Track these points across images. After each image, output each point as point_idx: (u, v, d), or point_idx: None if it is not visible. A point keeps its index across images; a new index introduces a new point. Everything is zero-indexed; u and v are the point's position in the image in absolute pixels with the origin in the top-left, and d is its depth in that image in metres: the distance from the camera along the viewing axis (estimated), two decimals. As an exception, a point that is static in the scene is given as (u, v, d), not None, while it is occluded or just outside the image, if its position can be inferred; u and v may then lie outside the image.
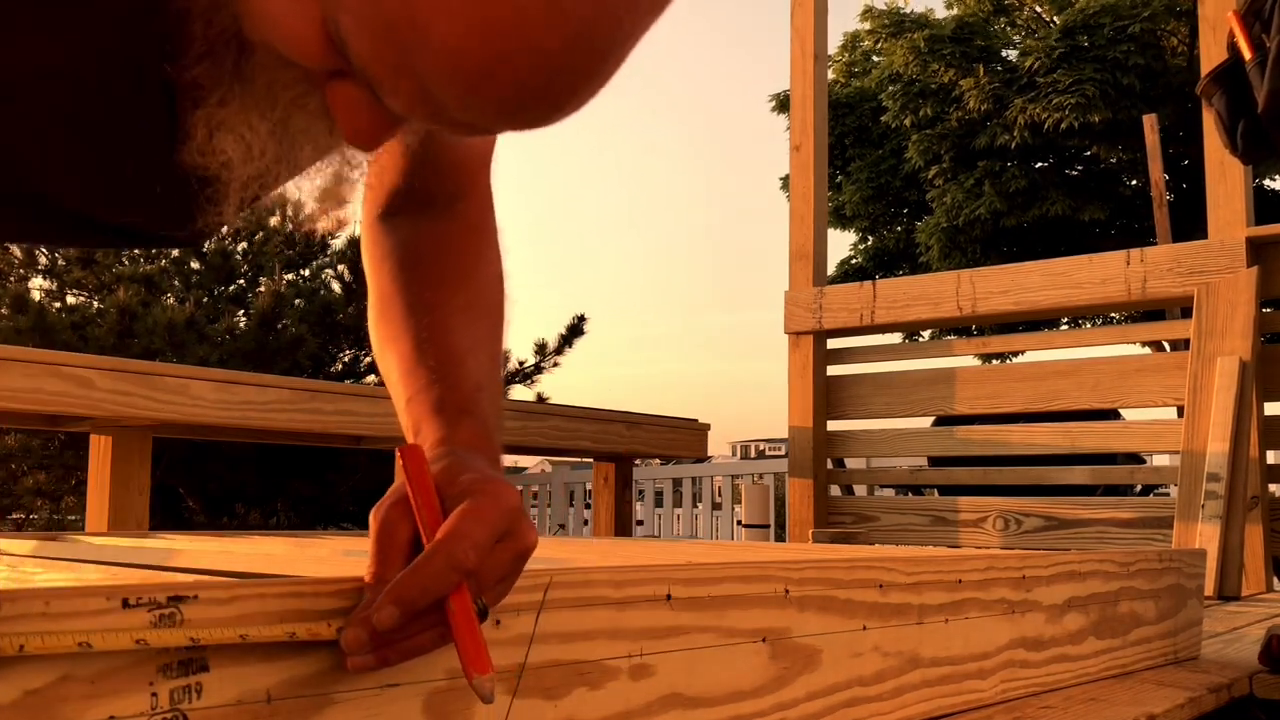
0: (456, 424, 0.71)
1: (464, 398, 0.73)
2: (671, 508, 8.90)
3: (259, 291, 6.80)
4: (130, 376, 2.44)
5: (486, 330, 0.80)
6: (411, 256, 0.81)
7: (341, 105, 0.54)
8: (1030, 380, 3.24)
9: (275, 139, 0.60)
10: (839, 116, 13.26)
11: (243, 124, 0.59)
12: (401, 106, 0.51)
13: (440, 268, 0.81)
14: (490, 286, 0.83)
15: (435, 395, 0.73)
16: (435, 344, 0.76)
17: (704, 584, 0.81)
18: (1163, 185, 4.28)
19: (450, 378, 0.74)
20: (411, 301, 0.79)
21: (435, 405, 0.73)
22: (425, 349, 0.76)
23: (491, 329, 0.80)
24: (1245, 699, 1.36)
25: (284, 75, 0.56)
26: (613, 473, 3.92)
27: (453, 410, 0.72)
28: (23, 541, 1.31)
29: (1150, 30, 11.45)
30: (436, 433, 0.71)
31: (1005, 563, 1.15)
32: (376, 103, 0.52)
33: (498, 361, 0.80)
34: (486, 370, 0.77)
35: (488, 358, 0.78)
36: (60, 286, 6.85)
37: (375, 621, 0.57)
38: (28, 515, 6.76)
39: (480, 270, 0.83)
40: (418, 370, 0.75)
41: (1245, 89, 1.83)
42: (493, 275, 0.84)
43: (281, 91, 0.57)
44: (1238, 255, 2.84)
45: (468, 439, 0.70)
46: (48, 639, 0.49)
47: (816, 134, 3.73)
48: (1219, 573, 2.49)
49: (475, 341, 0.78)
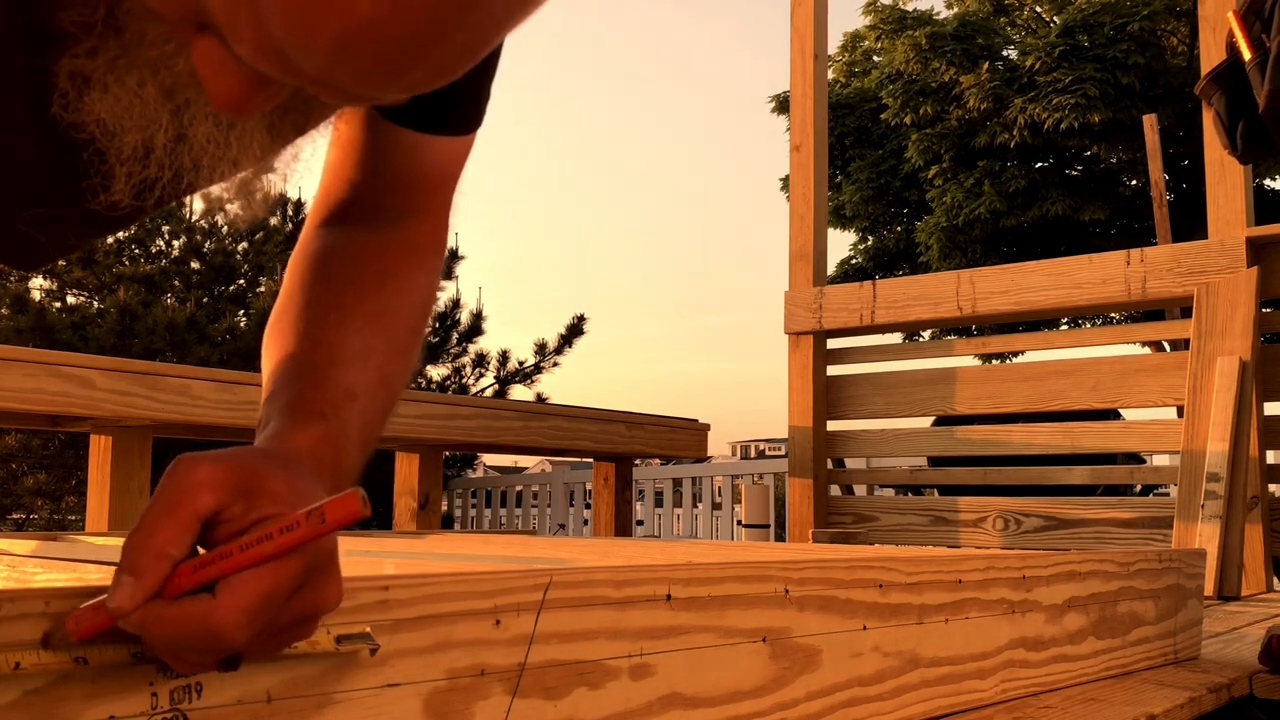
0: (302, 425, 0.63)
1: (326, 401, 0.65)
2: (671, 508, 8.90)
3: (259, 291, 6.80)
4: (130, 376, 2.44)
5: (384, 344, 0.71)
6: (327, 259, 0.74)
7: (205, 62, 0.48)
8: (1030, 380, 3.24)
9: (168, 110, 0.55)
10: (839, 116, 13.26)
11: (117, 83, 0.54)
12: (249, 54, 0.46)
13: (353, 272, 0.73)
14: (406, 306, 0.75)
15: (294, 391, 0.65)
16: (319, 342, 0.69)
17: (704, 584, 0.81)
18: (1163, 185, 4.29)
19: (319, 377, 0.66)
20: (310, 300, 0.72)
21: (290, 402, 0.64)
22: (307, 346, 0.68)
23: (391, 344, 0.72)
24: (1245, 699, 1.36)
25: (152, 30, 0.52)
26: (613, 473, 3.92)
27: (306, 411, 0.64)
28: (23, 541, 1.31)
29: (1150, 29, 11.45)
30: (275, 430, 0.62)
31: (1005, 563, 1.15)
32: (240, 61, 0.47)
33: (389, 378, 0.71)
34: (368, 381, 0.68)
35: (375, 370, 0.69)
36: (60, 286, 6.86)
37: (111, 617, 0.48)
38: (28, 515, 6.76)
39: (401, 288, 0.75)
40: (287, 364, 0.68)
41: (1245, 89, 1.83)
42: (413, 299, 0.76)
43: (150, 48, 0.53)
44: (1238, 255, 2.84)
45: (309, 444, 0.62)
46: (44, 656, 0.49)
47: (816, 134, 3.73)
48: (1219, 573, 2.49)
49: (365, 350, 0.69)
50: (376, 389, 0.69)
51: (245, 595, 0.48)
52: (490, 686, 0.67)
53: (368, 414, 0.67)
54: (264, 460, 0.54)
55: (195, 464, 0.51)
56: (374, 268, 0.74)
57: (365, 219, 0.76)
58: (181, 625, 0.48)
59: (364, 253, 0.75)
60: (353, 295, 0.72)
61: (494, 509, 8.49)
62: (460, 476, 8.71)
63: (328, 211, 0.78)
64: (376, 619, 0.61)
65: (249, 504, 0.51)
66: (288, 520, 0.49)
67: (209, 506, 0.50)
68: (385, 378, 0.70)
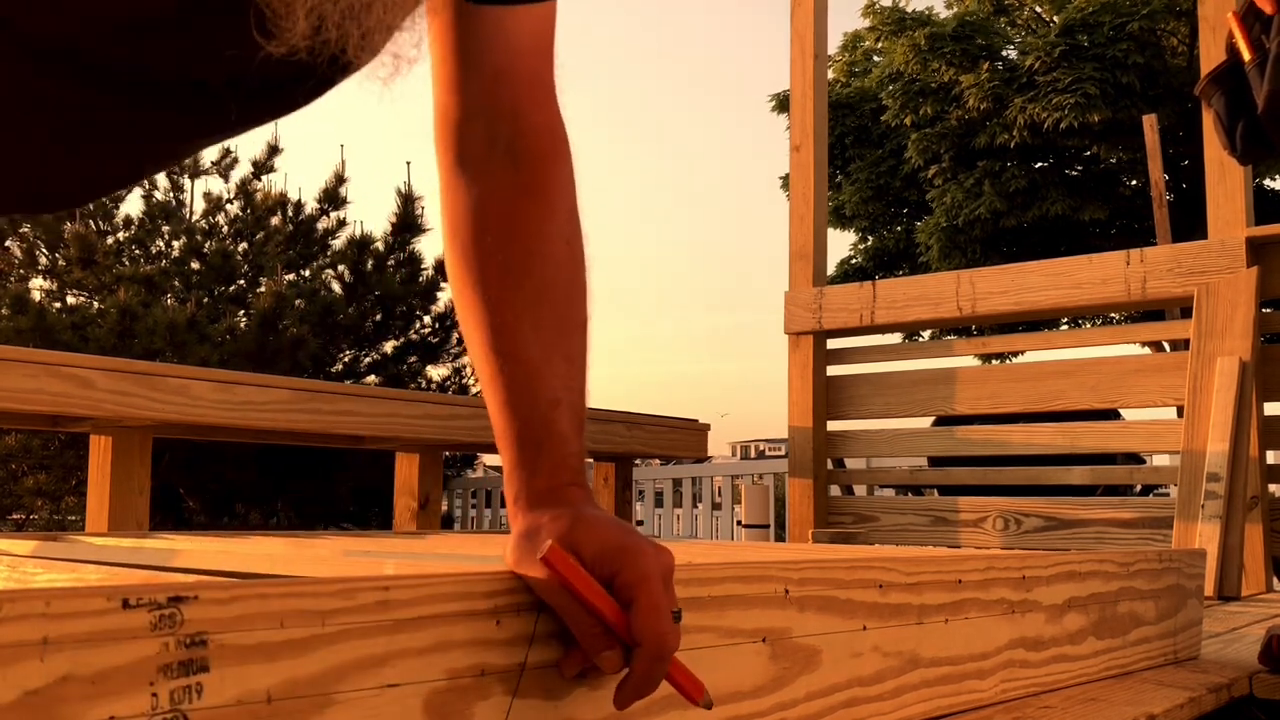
0: (534, 466, 0.75)
1: (539, 423, 0.75)
2: (671, 508, 8.90)
3: (259, 292, 6.80)
4: (130, 377, 2.44)
5: (554, 328, 0.78)
6: (477, 233, 0.80)
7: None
8: (1030, 380, 3.24)
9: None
10: (839, 116, 13.26)
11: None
12: None
13: (504, 253, 0.79)
14: (558, 268, 0.80)
15: (514, 430, 0.76)
16: (508, 358, 0.77)
17: (704, 584, 0.81)
18: (1163, 185, 4.28)
19: (524, 404, 0.76)
20: (481, 298, 0.78)
21: (515, 445, 0.76)
22: (498, 362, 0.77)
23: (560, 323, 0.79)
24: (1245, 699, 1.36)
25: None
26: (613, 473, 3.92)
27: (530, 446, 0.75)
28: (23, 542, 1.31)
29: (1149, 29, 11.45)
30: (515, 488, 0.75)
31: (1005, 563, 1.15)
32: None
33: (574, 358, 0.79)
34: (562, 377, 0.77)
35: (562, 361, 0.77)
36: (60, 287, 6.86)
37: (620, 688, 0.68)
38: (28, 515, 6.76)
39: (545, 249, 0.80)
40: (494, 386, 0.77)
41: (1245, 89, 1.83)
42: (559, 253, 0.80)
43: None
44: (1238, 255, 2.84)
45: (545, 482, 0.74)
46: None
47: (816, 134, 3.73)
48: (1219, 573, 2.49)
49: (546, 348, 0.77)
50: (569, 377, 0.77)
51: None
52: (490, 686, 0.67)
53: (574, 405, 0.77)
54: (570, 532, 0.69)
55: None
56: (518, 242, 0.79)
57: (489, 150, 0.81)
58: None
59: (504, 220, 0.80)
60: (510, 287, 0.78)
61: (494, 509, 8.49)
62: (460, 476, 8.71)
63: (455, 141, 0.82)
64: (377, 619, 0.61)
65: (601, 565, 0.68)
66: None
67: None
68: (569, 359, 0.78)
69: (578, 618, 0.67)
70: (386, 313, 7.61)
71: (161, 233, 7.24)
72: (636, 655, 0.66)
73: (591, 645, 0.67)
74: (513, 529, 0.74)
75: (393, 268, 7.59)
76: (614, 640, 0.66)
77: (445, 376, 8.01)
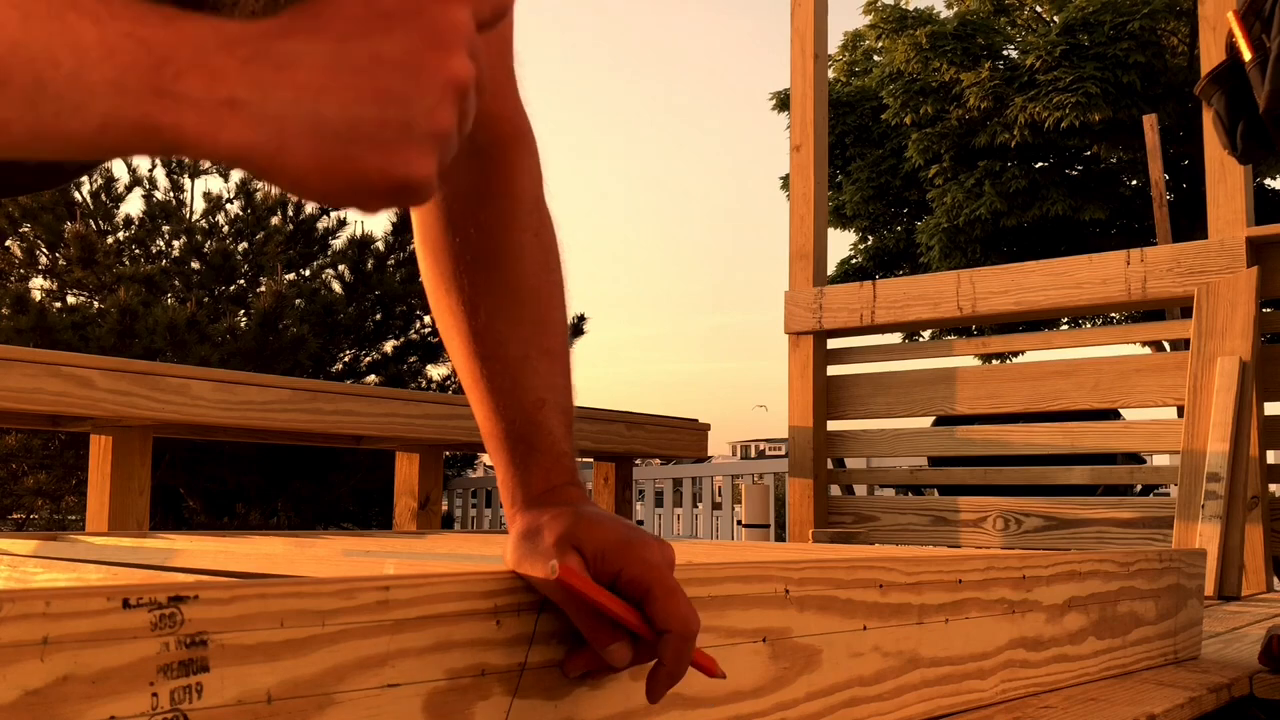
0: (528, 467, 0.75)
1: (526, 423, 0.76)
2: (671, 508, 8.90)
3: (260, 291, 6.80)
4: (131, 376, 2.44)
5: (532, 323, 0.78)
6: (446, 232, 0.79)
7: None
8: (1030, 380, 3.24)
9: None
10: (839, 116, 13.26)
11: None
12: None
13: (473, 251, 0.78)
14: (529, 261, 0.79)
15: (502, 431, 0.76)
16: (487, 359, 0.77)
17: (704, 584, 0.81)
18: (1163, 185, 4.28)
19: (510, 405, 0.76)
20: (456, 300, 0.78)
21: (506, 447, 0.76)
22: (478, 364, 0.77)
23: (537, 319, 0.78)
24: (1245, 699, 1.36)
25: None
26: (613, 473, 3.92)
27: (521, 447, 0.76)
28: (23, 541, 1.31)
29: (1150, 28, 11.46)
30: (511, 491, 0.76)
31: (1005, 563, 1.15)
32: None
33: (555, 353, 0.78)
34: (545, 375, 0.77)
35: (543, 357, 0.77)
36: (60, 286, 6.85)
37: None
38: (28, 515, 6.76)
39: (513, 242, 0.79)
40: (477, 390, 0.77)
41: (1245, 89, 1.83)
42: (529, 245, 0.80)
43: None
44: (1238, 255, 2.84)
45: (541, 483, 0.75)
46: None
47: (816, 134, 3.73)
48: (1219, 573, 2.49)
49: (525, 345, 0.77)
50: (550, 374, 0.78)
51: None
52: (490, 686, 0.67)
53: (560, 402, 0.78)
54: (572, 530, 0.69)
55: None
56: (486, 239, 0.78)
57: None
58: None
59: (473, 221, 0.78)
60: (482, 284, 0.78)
61: (494, 509, 8.49)
62: (460, 476, 8.71)
63: None
64: (377, 619, 0.61)
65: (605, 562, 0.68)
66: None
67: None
68: (547, 352, 0.78)
69: (584, 612, 0.67)
70: (387, 312, 7.62)
71: (162, 232, 7.23)
72: (665, 641, 0.66)
73: (599, 639, 0.67)
74: (511, 530, 0.74)
75: (393, 267, 7.60)
76: (622, 633, 0.67)
77: (445, 376, 8.01)
